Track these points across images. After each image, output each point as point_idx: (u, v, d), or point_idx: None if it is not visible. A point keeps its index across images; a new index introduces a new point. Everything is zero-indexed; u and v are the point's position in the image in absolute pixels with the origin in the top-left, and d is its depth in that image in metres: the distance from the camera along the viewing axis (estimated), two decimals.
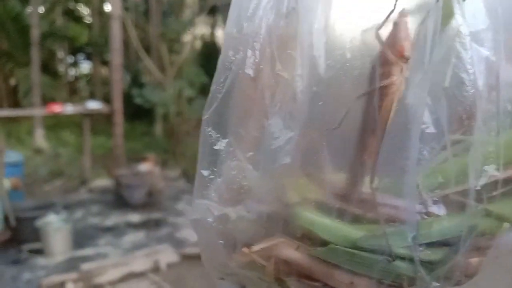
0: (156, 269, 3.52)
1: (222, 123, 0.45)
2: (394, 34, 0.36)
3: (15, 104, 8.83)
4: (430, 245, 0.37)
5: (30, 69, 7.51)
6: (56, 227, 3.62)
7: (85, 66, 13.58)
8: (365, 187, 0.38)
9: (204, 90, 7.65)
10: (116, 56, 5.45)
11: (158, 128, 7.97)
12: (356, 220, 0.38)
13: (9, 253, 3.67)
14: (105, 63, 10.87)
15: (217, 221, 0.43)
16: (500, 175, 0.37)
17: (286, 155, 0.39)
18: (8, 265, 3.48)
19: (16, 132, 7.87)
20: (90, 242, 3.95)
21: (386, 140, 0.36)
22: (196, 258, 3.71)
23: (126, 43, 8.29)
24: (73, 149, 7.17)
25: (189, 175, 6.15)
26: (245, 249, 0.41)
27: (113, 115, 5.52)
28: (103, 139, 7.54)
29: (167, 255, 3.68)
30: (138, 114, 8.16)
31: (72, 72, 13.68)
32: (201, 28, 9.46)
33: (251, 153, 0.42)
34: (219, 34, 9.81)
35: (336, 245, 0.38)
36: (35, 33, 7.28)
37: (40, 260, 3.57)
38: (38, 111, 5.99)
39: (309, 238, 0.39)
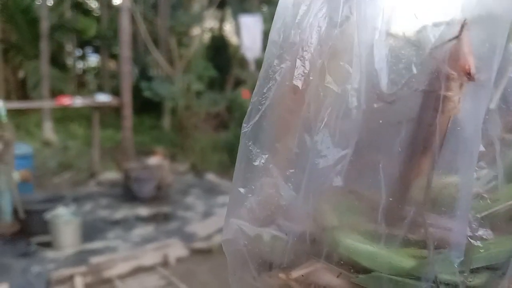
0: (165, 263, 3.51)
1: (263, 138, 0.42)
2: (457, 49, 0.34)
3: (24, 96, 8.84)
4: (475, 269, 0.35)
5: (39, 62, 7.50)
6: (65, 220, 3.61)
7: (93, 59, 13.59)
8: (414, 208, 0.36)
9: (212, 84, 7.64)
10: (125, 48, 5.42)
11: (167, 122, 7.96)
12: (402, 244, 0.36)
13: (18, 246, 3.67)
14: (113, 56, 10.88)
15: (250, 243, 0.41)
16: None
17: (337, 176, 0.36)
18: (18, 257, 3.48)
19: (25, 125, 7.89)
20: (99, 235, 3.94)
21: (439, 160, 0.34)
22: (205, 252, 3.69)
23: (135, 36, 8.27)
24: (82, 142, 7.17)
25: (197, 169, 6.14)
26: (282, 275, 0.39)
27: (122, 108, 5.50)
28: (112, 132, 7.53)
29: (176, 249, 3.67)
30: (147, 107, 8.15)
31: (81, 65, 13.70)
32: (210, 22, 9.42)
33: (291, 171, 0.39)
34: (228, 28, 9.77)
35: (380, 272, 0.36)
36: (44, 26, 7.26)
37: (49, 253, 3.57)
38: (47, 104, 5.98)
39: (350, 265, 0.37)
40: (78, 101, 5.32)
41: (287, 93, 0.39)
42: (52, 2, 8.82)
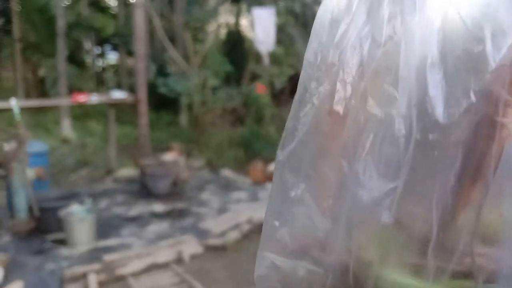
0: (179, 260, 3.48)
1: (300, 166, 0.39)
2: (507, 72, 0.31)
3: (43, 94, 8.92)
4: None
5: (57, 60, 7.55)
6: (79, 218, 3.61)
7: (112, 57, 13.67)
8: (463, 240, 0.34)
9: (228, 80, 7.59)
10: (140, 45, 5.41)
11: (184, 118, 7.94)
12: (449, 278, 0.33)
13: (33, 243, 3.68)
14: (131, 53, 10.90)
15: (284, 279, 0.39)
16: None
17: (385, 211, 0.33)
18: (32, 254, 3.49)
19: (44, 122, 7.95)
20: (113, 232, 3.93)
21: (490, 189, 0.32)
22: (219, 249, 3.65)
23: (152, 33, 8.27)
24: (100, 139, 7.20)
25: (213, 165, 6.10)
26: None
27: (137, 104, 5.49)
28: (129, 129, 7.54)
29: (190, 246, 3.64)
30: (164, 103, 8.15)
31: (99, 62, 13.80)
32: (226, 17, 9.37)
33: (329, 202, 0.37)
34: (244, 23, 9.70)
35: None
36: (60, 24, 7.30)
37: (64, 251, 3.57)
38: (63, 101, 6.01)
39: None
40: (94, 98, 5.32)
41: (324, 117, 0.37)
42: (70, 1, 8.86)
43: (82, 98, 5.21)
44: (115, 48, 12.09)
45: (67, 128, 7.38)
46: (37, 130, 7.55)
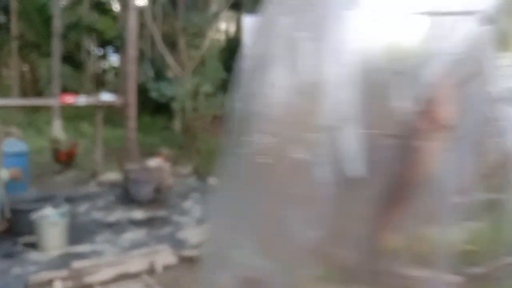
0: (151, 270, 3.36)
1: (238, 211, 0.45)
2: (435, 100, 0.37)
3: (40, 93, 8.88)
4: None
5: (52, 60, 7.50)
6: (51, 222, 3.51)
7: (114, 59, 13.65)
8: (388, 262, 0.39)
9: (224, 86, 7.49)
10: (131, 48, 5.33)
11: (177, 123, 7.85)
12: None
13: (3, 245, 3.57)
14: None
15: None
16: None
17: (307, 261, 0.40)
18: (1, 257, 3.38)
19: (37, 122, 7.89)
20: (88, 238, 3.82)
21: (415, 211, 0.37)
22: (194, 261, 3.53)
23: (152, 37, 8.22)
24: (90, 141, 7.11)
25: (201, 172, 5.99)
26: None
27: (126, 108, 5.40)
28: (121, 132, 7.45)
29: (164, 256, 3.52)
30: (160, 108, 8.08)
31: (101, 64, 13.79)
32: (226, 23, 9.31)
33: (263, 245, 0.42)
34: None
35: None
36: (57, 24, 7.25)
37: (33, 255, 3.46)
38: (50, 101, 5.93)
39: None
40: (81, 100, 5.24)
41: (259, 164, 0.41)
42: (69, 1, 8.84)
43: (69, 99, 5.14)
44: (117, 50, 12.08)
45: (58, 128, 7.28)
46: (29, 130, 7.49)
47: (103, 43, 11.81)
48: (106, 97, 5.45)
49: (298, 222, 0.31)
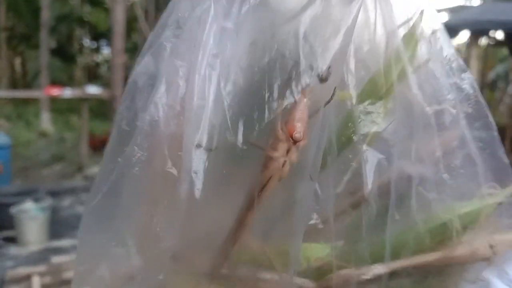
0: None
1: (106, 214, 0.42)
2: (291, 111, 0.35)
3: (29, 86, 8.80)
4: None
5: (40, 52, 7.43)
6: (31, 216, 3.46)
7: (108, 52, 13.56)
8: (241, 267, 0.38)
9: None
10: (117, 40, 5.26)
11: None
12: None
13: None
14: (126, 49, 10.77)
15: None
16: (383, 269, 0.38)
17: (162, 270, 0.37)
18: None
19: (26, 115, 7.82)
20: (69, 233, 3.77)
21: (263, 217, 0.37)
22: None
23: (141, 30, 8.16)
24: (79, 134, 7.06)
25: None
26: None
27: (113, 101, 5.34)
28: (111, 125, 7.40)
29: None
30: None
31: (94, 57, 13.68)
32: None
33: (138, 244, 0.40)
34: None
35: None
36: (45, 15, 7.16)
37: (12, 249, 3.41)
38: (35, 94, 5.87)
39: None
40: (67, 92, 5.18)
41: (134, 177, 0.41)
42: None
43: (55, 91, 5.07)
44: (110, 43, 11.97)
45: (46, 121, 7.23)
46: (18, 122, 7.43)
47: (96, 35, 11.71)
48: (93, 90, 5.39)
49: (163, 227, 0.36)
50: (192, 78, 0.37)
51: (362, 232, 0.37)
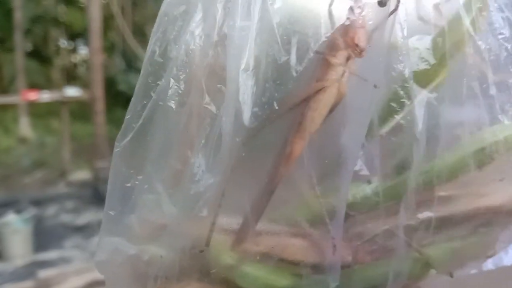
0: None
1: (137, 157, 0.39)
2: (351, 23, 0.33)
3: (5, 91, 8.55)
4: None
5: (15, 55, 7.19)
6: (14, 229, 3.30)
7: (85, 52, 13.30)
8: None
9: None
10: (94, 39, 5.09)
11: None
12: (278, 263, 0.35)
13: None
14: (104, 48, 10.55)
15: (128, 262, 0.38)
16: (434, 214, 0.35)
17: (204, 205, 0.34)
18: None
19: (4, 121, 7.60)
20: (55, 244, 3.62)
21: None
22: None
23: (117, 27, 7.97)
24: (59, 138, 6.87)
25: None
26: None
27: (93, 103, 5.16)
28: (93, 128, 7.22)
29: None
30: None
31: (72, 58, 13.42)
32: None
33: (171, 190, 0.37)
34: None
35: None
36: (18, 17, 6.93)
37: None
38: (12, 99, 5.67)
39: (228, 285, 0.36)
40: (45, 96, 5.00)
41: (168, 112, 0.37)
42: None
43: (32, 95, 4.89)
44: (87, 43, 11.72)
45: (25, 127, 6.99)
46: None
47: (73, 35, 11.45)
48: (72, 92, 5.21)
49: (200, 169, 0.33)
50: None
51: (410, 172, 0.35)
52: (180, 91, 0.37)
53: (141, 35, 7.52)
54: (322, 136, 0.33)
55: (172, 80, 0.37)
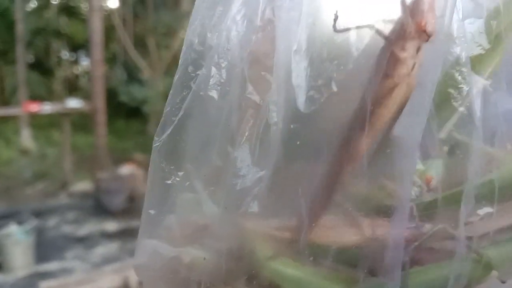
0: (125, 286, 3.17)
1: (177, 153, 0.36)
2: (415, 4, 0.29)
3: (6, 102, 8.57)
4: None
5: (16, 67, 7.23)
6: (15, 240, 3.30)
7: (87, 64, 13.33)
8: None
9: None
10: (96, 51, 5.11)
11: (152, 127, 7.64)
12: (331, 268, 0.32)
13: None
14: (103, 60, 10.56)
15: (168, 266, 0.36)
16: (495, 215, 0.33)
17: (253, 201, 0.32)
18: None
19: (5, 132, 7.61)
20: (57, 255, 3.62)
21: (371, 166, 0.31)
22: None
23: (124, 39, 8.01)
24: (61, 149, 6.87)
25: None
26: None
27: (94, 114, 5.18)
28: (94, 139, 7.23)
29: None
30: (134, 112, 7.86)
31: (74, 69, 13.46)
32: None
33: (212, 188, 0.35)
34: None
35: None
36: (20, 29, 6.97)
37: None
38: (14, 111, 5.68)
39: None
40: (47, 108, 5.02)
41: (208, 103, 0.35)
42: (36, 5, 8.54)
43: (34, 107, 4.91)
44: (88, 54, 11.74)
45: (26, 138, 7.02)
46: None
47: (74, 47, 11.50)
48: (73, 103, 5.23)
49: (245, 163, 0.32)
50: None
51: (469, 164, 0.32)
52: (222, 80, 0.35)
53: (142, 46, 7.55)
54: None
55: (213, 69, 0.35)
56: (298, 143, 0.31)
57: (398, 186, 0.31)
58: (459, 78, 0.32)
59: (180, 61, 0.38)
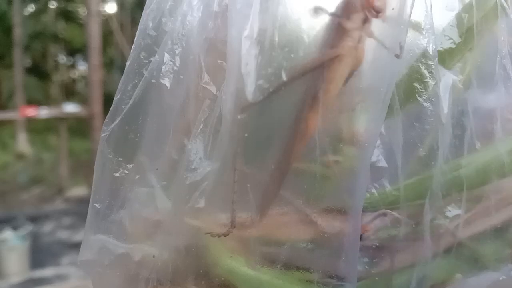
0: None
1: (126, 144, 0.35)
2: None
3: (3, 106, 8.57)
4: None
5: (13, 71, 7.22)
6: (10, 246, 3.27)
7: (84, 68, 13.33)
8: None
9: None
10: (94, 56, 5.10)
11: None
12: (286, 267, 0.31)
13: None
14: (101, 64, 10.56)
15: (116, 262, 0.34)
16: (463, 215, 0.32)
17: (201, 196, 0.30)
18: None
19: (1, 137, 7.60)
20: (52, 261, 3.59)
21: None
22: None
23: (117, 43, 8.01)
24: (57, 154, 6.86)
25: None
26: None
27: (91, 119, 5.16)
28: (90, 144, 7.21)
29: None
30: None
31: (71, 74, 13.46)
32: None
33: (164, 182, 0.33)
34: None
35: None
36: (17, 33, 6.97)
37: None
38: (10, 115, 5.67)
39: None
40: (44, 112, 5.00)
41: (163, 91, 0.34)
42: (33, 9, 8.54)
43: (30, 111, 4.90)
44: (86, 59, 11.74)
45: (23, 142, 7.00)
46: None
47: (72, 51, 11.51)
48: (70, 108, 5.22)
49: (198, 156, 0.30)
50: None
51: (436, 164, 0.31)
52: (176, 68, 0.33)
53: None
54: (335, 112, 0.30)
55: (166, 55, 0.33)
56: (246, 135, 0.30)
57: (352, 182, 0.30)
58: (425, 71, 0.31)
59: (132, 46, 0.36)
